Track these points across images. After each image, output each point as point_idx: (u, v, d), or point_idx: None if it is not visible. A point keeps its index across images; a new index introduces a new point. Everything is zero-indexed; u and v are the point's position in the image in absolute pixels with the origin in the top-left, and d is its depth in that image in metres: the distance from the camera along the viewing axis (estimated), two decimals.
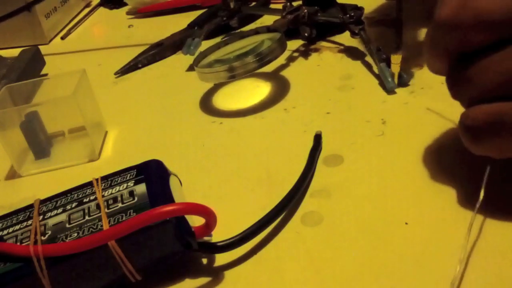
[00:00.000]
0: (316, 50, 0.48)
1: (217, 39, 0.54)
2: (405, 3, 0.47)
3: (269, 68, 0.43)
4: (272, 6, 0.60)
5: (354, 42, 0.48)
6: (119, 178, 0.28)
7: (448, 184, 0.29)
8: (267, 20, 0.56)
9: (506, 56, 0.23)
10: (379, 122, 0.36)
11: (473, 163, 0.29)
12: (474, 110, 0.25)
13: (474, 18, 0.23)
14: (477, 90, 0.24)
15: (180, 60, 0.52)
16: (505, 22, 0.22)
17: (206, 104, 0.43)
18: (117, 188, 0.27)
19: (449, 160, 0.31)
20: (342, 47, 0.48)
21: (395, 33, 0.43)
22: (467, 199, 0.27)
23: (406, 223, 0.27)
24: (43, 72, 0.55)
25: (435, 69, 0.27)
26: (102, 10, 0.75)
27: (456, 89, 0.26)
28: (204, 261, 0.27)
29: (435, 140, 0.32)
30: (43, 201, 0.28)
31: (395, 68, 0.39)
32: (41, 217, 0.27)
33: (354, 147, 0.34)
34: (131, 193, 0.27)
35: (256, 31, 0.44)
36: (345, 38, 0.49)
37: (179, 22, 0.60)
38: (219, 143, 0.37)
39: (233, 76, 0.39)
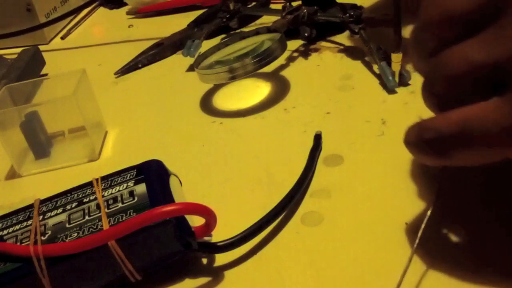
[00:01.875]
0: (316, 50, 0.48)
1: (217, 40, 0.54)
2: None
3: (269, 68, 0.43)
4: (272, 6, 0.60)
5: (354, 42, 0.48)
6: (119, 178, 0.28)
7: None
8: (267, 20, 0.56)
9: (468, 45, 0.21)
10: (379, 122, 0.36)
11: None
12: (435, 120, 0.22)
13: (439, 13, 0.22)
14: (443, 82, 0.22)
15: (180, 60, 0.51)
16: (465, 14, 0.21)
17: (206, 104, 0.43)
18: (117, 188, 0.27)
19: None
20: (342, 47, 0.48)
21: (394, 30, 0.43)
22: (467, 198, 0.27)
23: (406, 223, 0.27)
24: (43, 72, 0.55)
25: (418, 69, 0.26)
26: (102, 10, 0.75)
27: (427, 87, 0.24)
28: (204, 261, 0.27)
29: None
30: (43, 201, 0.28)
31: (396, 66, 0.39)
32: (41, 217, 0.27)
33: (354, 147, 0.34)
34: (131, 193, 0.27)
35: (256, 32, 0.44)
36: (345, 38, 0.49)
37: (179, 22, 0.60)
38: (219, 143, 0.37)
39: (234, 77, 0.39)
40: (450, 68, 0.22)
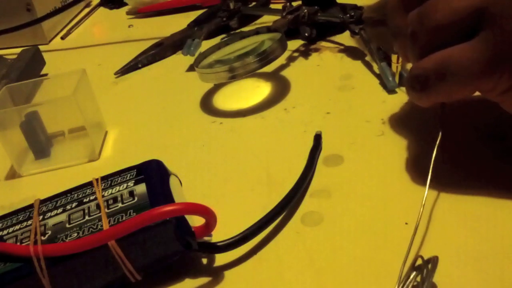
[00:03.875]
0: (316, 50, 0.48)
1: (217, 40, 0.54)
2: None
3: (269, 68, 0.43)
4: (272, 6, 0.60)
5: (354, 42, 0.48)
6: (119, 178, 0.28)
7: (448, 183, 0.29)
8: (267, 20, 0.56)
9: None
10: (379, 122, 0.36)
11: (473, 162, 0.29)
12: (423, 60, 0.26)
13: None
14: (429, 32, 0.25)
15: (180, 60, 0.51)
16: None
17: (206, 104, 0.43)
18: (117, 188, 0.27)
19: (449, 160, 0.31)
20: (342, 47, 0.48)
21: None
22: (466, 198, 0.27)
23: (406, 223, 0.27)
24: (43, 72, 0.55)
25: (395, 23, 0.29)
26: (102, 10, 0.75)
27: (412, 41, 0.26)
28: (204, 261, 0.27)
29: (435, 140, 0.32)
30: (43, 201, 0.28)
31: (396, 67, 0.39)
32: (41, 217, 0.27)
33: (354, 147, 0.34)
34: (131, 193, 0.27)
35: (257, 31, 0.44)
36: (345, 38, 0.49)
37: (179, 22, 0.60)
38: (219, 143, 0.37)
39: (234, 76, 0.39)
40: (436, 18, 0.24)
